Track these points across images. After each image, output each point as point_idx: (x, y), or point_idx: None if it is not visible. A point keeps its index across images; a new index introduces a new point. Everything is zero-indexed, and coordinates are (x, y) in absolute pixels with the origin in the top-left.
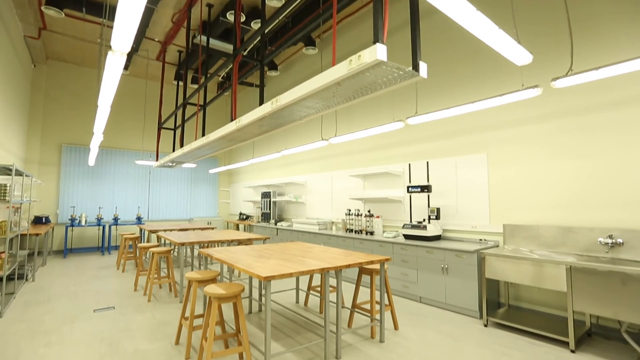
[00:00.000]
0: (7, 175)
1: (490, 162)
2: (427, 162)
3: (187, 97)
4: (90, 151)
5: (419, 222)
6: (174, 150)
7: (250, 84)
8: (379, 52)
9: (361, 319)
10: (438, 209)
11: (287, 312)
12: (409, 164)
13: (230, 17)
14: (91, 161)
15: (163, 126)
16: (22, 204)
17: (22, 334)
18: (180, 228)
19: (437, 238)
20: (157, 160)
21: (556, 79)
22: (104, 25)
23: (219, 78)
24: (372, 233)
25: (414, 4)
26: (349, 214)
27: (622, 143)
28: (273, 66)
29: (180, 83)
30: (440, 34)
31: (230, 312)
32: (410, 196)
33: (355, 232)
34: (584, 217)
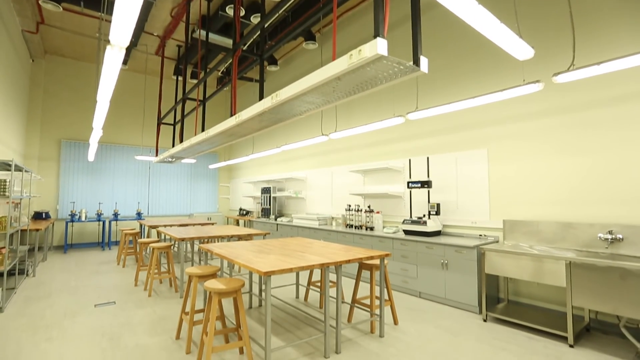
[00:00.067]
0: (6, 170)
1: (490, 158)
2: (428, 158)
3: (186, 92)
4: (89, 146)
5: (419, 218)
6: (173, 146)
7: (250, 79)
8: (379, 46)
9: (361, 314)
10: (438, 205)
11: (287, 307)
12: (409, 160)
13: (229, 11)
14: (91, 156)
15: (162, 121)
16: (22, 200)
17: (23, 329)
18: (180, 223)
19: (437, 233)
20: (156, 155)
21: (558, 74)
22: (103, 20)
23: (219, 73)
24: (372, 228)
25: None
26: (349, 210)
27: (623, 139)
28: (273, 61)
29: (180, 78)
30: (441, 28)
31: (230, 307)
32: (410, 192)
33: (355, 227)
34: (584, 212)
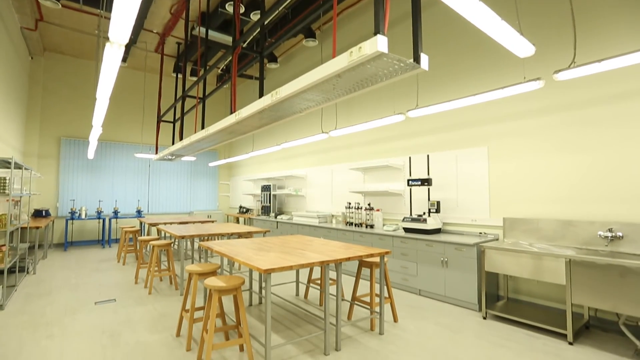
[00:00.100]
0: (6, 168)
1: (490, 156)
2: (428, 155)
3: (186, 89)
4: (89, 144)
5: (419, 216)
6: (173, 143)
7: (250, 77)
8: (379, 43)
9: (361, 311)
10: (438, 202)
11: (287, 305)
12: (410, 157)
13: (229, 8)
14: (90, 154)
15: (162, 119)
16: (22, 197)
17: (24, 326)
18: (180, 221)
19: (437, 231)
20: (156, 153)
21: (559, 71)
22: (102, 17)
23: (218, 70)
24: (372, 226)
25: None
26: (349, 207)
27: (623, 136)
28: (273, 58)
29: (179, 75)
30: (442, 25)
31: (230, 304)
32: (410, 189)
33: (355, 225)
34: (584, 210)
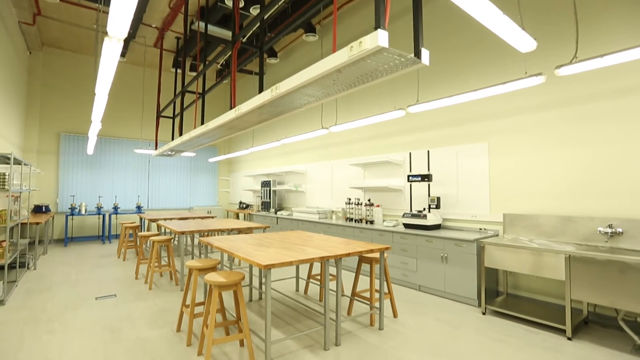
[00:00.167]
0: (5, 164)
1: (491, 151)
2: (428, 151)
3: (185, 85)
4: (88, 140)
5: (419, 211)
6: (173, 139)
7: (250, 72)
8: (380, 38)
9: (361, 307)
10: (438, 198)
11: (287, 300)
12: (410, 153)
13: (228, 2)
14: (90, 150)
15: (162, 114)
16: (22, 193)
17: (24, 322)
18: (180, 217)
19: (437, 227)
20: (156, 149)
21: (560, 66)
22: (100, 11)
23: (218, 65)
24: (372, 222)
25: None
26: (349, 203)
27: (624, 132)
28: (272, 53)
29: (179, 70)
30: (443, 20)
31: (230, 299)
32: (410, 185)
33: (355, 221)
34: (584, 206)
